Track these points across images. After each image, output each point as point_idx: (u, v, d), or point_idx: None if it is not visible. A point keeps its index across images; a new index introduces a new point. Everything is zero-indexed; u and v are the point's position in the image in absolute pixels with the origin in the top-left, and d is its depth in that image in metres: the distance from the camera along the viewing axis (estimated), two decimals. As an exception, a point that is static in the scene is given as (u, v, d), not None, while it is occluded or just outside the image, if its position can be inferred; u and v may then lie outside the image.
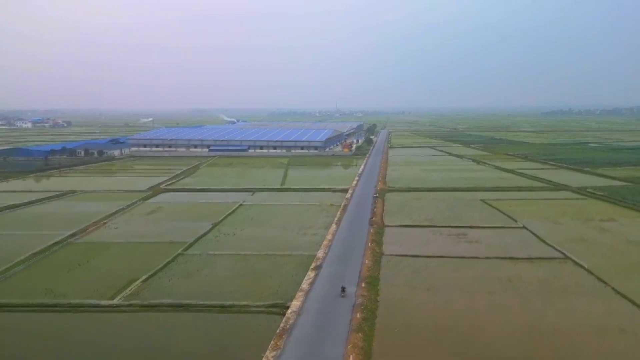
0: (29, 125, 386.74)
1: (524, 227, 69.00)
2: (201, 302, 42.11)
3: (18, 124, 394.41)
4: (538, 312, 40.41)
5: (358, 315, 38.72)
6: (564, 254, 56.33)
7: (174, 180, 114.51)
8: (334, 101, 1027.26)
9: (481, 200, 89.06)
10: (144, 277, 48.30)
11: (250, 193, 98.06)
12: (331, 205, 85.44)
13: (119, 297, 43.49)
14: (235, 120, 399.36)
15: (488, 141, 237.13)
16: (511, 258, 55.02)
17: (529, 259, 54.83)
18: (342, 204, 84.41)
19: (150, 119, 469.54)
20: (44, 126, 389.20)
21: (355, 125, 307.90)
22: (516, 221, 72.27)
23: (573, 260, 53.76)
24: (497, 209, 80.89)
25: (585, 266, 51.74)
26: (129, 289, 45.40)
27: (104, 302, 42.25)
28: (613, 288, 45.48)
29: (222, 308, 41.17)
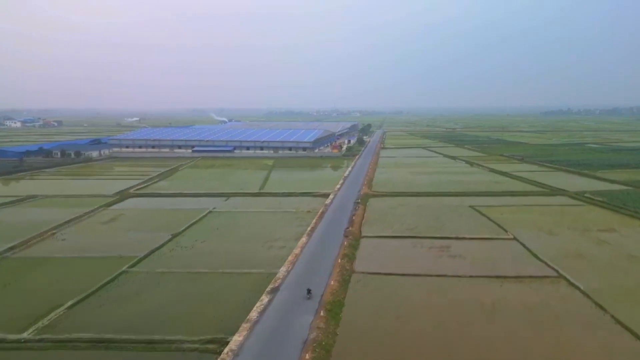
0: (18, 124, 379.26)
1: (514, 239, 62.55)
2: (126, 337, 35.57)
3: (7, 123, 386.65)
4: (523, 349, 33.93)
5: (307, 357, 32.20)
6: (557, 271, 49.90)
7: (148, 184, 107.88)
8: (334, 101, 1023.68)
9: (470, 206, 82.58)
10: (70, 303, 41.72)
11: (224, 198, 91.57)
12: (308, 212, 78.92)
13: (32, 329, 36.92)
14: (226, 120, 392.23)
15: (484, 142, 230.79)
16: (498, 277, 48.58)
17: (518, 278, 48.37)
18: (320, 211, 77.85)
19: (137, 118, 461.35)
20: (34, 126, 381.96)
21: (349, 125, 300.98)
22: (506, 231, 65.77)
23: (567, 280, 47.30)
24: (487, 217, 74.43)
25: (582, 287, 45.28)
26: (47, 318, 38.83)
27: (10, 337, 35.69)
28: (613, 316, 39.02)
29: (149, 344, 34.64)
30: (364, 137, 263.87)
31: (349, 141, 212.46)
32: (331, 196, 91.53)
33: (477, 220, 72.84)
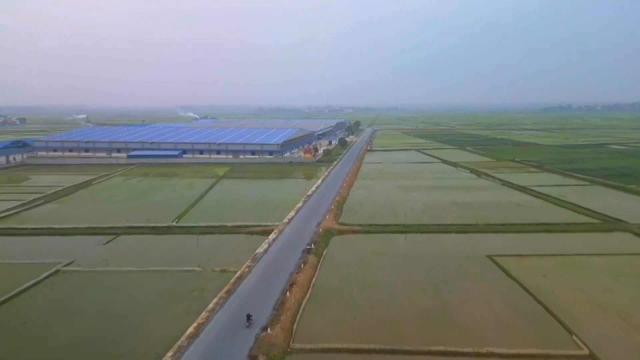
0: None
1: (590, 357, 31.24)
2: None
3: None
4: None
5: None
6: None
7: (21, 209, 75.63)
8: (328, 98, 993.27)
9: (488, 257, 51.37)
10: None
11: (110, 237, 59.77)
12: (222, 272, 47.26)
13: None
14: (197, 117, 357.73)
15: (488, 142, 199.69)
16: None
17: None
18: (237, 274, 46.18)
19: (84, 115, 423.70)
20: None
21: (334, 122, 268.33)
22: (571, 333, 34.32)
23: None
24: (521, 285, 43.24)
25: None
26: None
27: None
28: None
29: None
30: (351, 136, 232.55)
31: (330, 142, 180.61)
32: (273, 235, 59.83)
33: (504, 295, 41.29)
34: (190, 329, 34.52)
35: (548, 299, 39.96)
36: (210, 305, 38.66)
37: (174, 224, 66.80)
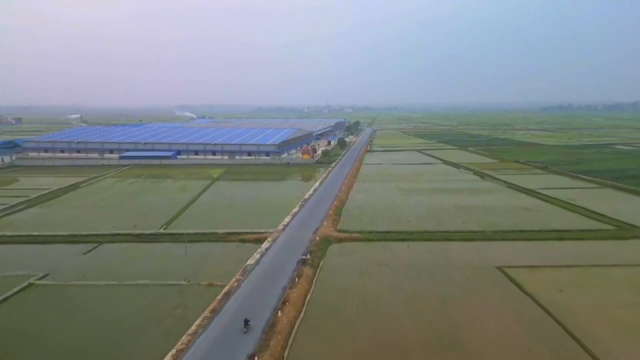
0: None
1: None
2: None
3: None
4: None
5: None
6: None
7: (2, 215, 71.71)
8: (332, 97, 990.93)
9: (499, 268, 47.51)
10: None
11: (93, 245, 56.01)
12: (209, 286, 43.39)
13: None
14: (194, 117, 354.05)
15: (490, 142, 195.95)
16: None
17: None
18: (228, 286, 42.35)
19: (78, 115, 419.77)
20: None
21: (333, 122, 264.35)
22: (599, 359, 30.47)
23: None
24: (537, 302, 39.50)
25: None
26: None
27: None
28: None
29: None
30: (350, 136, 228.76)
31: (329, 142, 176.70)
32: (266, 243, 55.95)
33: (519, 315, 37.44)
34: (168, 357, 30.61)
35: (568, 319, 36.13)
36: (193, 328, 34.74)
37: (162, 230, 62.93)
